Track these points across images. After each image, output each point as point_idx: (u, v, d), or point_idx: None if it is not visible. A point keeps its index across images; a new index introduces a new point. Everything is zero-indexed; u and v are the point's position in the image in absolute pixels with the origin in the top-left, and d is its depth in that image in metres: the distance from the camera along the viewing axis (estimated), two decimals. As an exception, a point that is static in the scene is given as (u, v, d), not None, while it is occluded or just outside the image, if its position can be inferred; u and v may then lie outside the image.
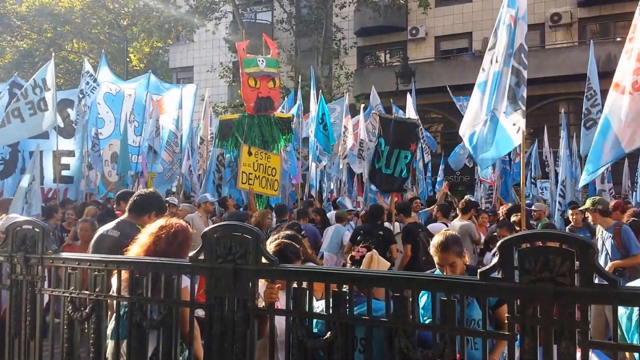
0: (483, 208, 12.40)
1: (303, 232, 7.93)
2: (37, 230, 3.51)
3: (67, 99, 14.11)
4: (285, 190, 13.09)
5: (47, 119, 11.21)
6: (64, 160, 13.57)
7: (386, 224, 8.97)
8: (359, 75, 28.01)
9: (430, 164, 17.56)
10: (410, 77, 20.99)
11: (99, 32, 33.03)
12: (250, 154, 8.60)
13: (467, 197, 9.69)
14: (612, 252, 6.64)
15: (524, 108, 6.16)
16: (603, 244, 6.78)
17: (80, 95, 13.08)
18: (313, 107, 14.78)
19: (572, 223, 8.57)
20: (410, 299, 2.47)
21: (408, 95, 16.10)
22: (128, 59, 29.78)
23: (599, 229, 7.04)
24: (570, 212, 8.90)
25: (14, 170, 12.50)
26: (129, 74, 24.85)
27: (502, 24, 6.59)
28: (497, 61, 6.56)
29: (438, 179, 18.04)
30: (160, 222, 3.61)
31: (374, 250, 3.88)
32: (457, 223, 8.65)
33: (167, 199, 8.62)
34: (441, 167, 18.17)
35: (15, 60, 32.34)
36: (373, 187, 12.65)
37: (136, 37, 31.52)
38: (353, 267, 3.62)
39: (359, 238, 8.25)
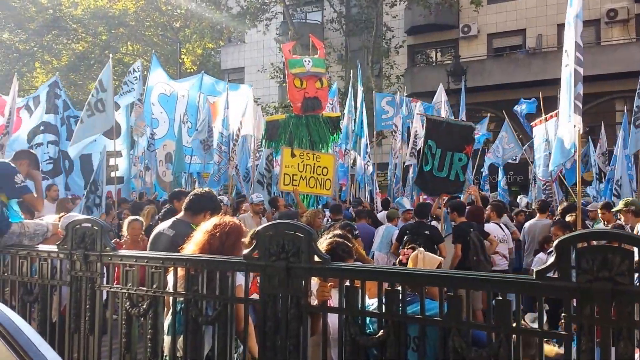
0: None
1: (357, 232, 7.92)
2: (96, 228, 3.62)
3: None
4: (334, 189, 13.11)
5: (104, 120, 11.51)
6: (112, 161, 13.90)
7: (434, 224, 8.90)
8: (409, 74, 27.78)
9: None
10: (462, 76, 20.68)
11: (152, 34, 33.74)
12: (293, 155, 8.61)
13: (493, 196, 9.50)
14: None
15: (580, 106, 6.03)
16: None
17: (132, 96, 13.37)
18: (360, 105, 14.74)
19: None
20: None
21: (442, 94, 15.89)
22: (180, 61, 30.35)
23: (636, 229, 6.86)
24: (600, 212, 8.66)
25: (61, 170, 12.81)
26: (182, 75, 25.29)
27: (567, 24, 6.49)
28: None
29: (499, 179, 17.72)
30: (215, 220, 3.67)
31: (420, 249, 3.84)
32: (539, 222, 8.66)
33: (219, 197, 8.75)
34: (500, 167, 17.83)
35: (71, 62, 33.28)
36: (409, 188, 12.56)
37: (189, 39, 32.09)
38: None
39: (405, 237, 8.21)
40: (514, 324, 2.33)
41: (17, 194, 4.53)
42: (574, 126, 6.25)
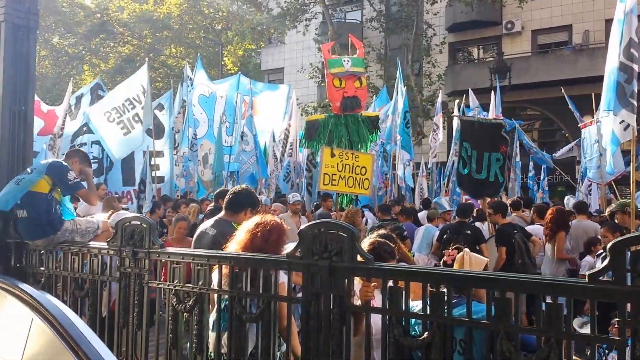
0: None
1: (406, 233, 7.87)
2: (145, 225, 3.71)
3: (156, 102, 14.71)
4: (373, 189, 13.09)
5: (140, 129, 11.77)
6: (154, 160, 14.15)
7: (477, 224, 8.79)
8: (450, 72, 27.47)
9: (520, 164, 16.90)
10: (506, 73, 20.33)
11: (195, 36, 34.30)
12: (333, 155, 8.60)
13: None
14: None
15: (635, 104, 5.86)
16: None
17: (184, 99, 13.63)
18: (399, 104, 14.64)
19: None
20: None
21: (492, 93, 15.60)
22: (222, 62, 30.73)
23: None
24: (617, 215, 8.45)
25: (103, 170, 13.10)
26: (223, 76, 25.63)
27: (616, 20, 6.32)
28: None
29: (541, 180, 17.40)
30: (256, 219, 3.71)
31: (466, 249, 3.79)
32: (581, 223, 8.54)
33: (260, 196, 8.84)
34: (543, 166, 17.49)
35: (117, 65, 34.13)
36: (458, 190, 12.38)
37: (230, 41, 32.49)
38: None
39: (445, 237, 8.13)
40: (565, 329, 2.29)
41: (72, 190, 4.68)
42: (621, 122, 6.09)
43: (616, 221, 7.63)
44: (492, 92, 15.84)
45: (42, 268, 4.44)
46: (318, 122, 8.94)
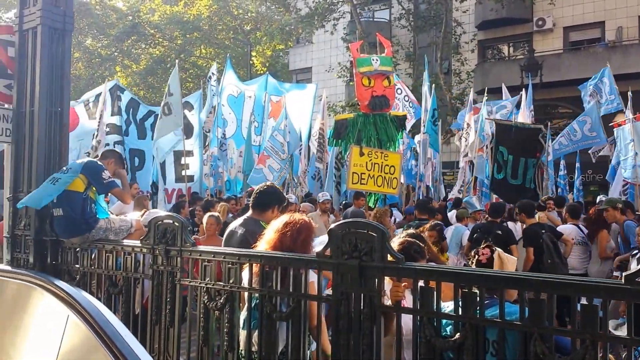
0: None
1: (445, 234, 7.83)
2: (177, 224, 3.77)
3: (185, 101, 14.83)
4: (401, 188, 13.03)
5: (171, 122, 11.91)
6: (184, 160, 14.26)
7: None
8: (480, 69, 27.20)
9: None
10: (537, 71, 20.05)
11: (224, 37, 34.60)
12: (362, 154, 8.60)
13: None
14: None
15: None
16: None
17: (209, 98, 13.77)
18: (428, 102, 14.55)
19: None
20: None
21: (523, 91, 15.36)
22: (251, 62, 30.92)
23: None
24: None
25: (128, 169, 13.23)
26: (252, 76, 25.83)
27: None
28: None
29: (575, 179, 17.10)
30: (285, 218, 3.72)
31: (499, 250, 3.74)
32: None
33: (289, 195, 8.88)
34: (577, 165, 17.18)
35: (149, 66, 34.62)
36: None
37: (259, 41, 32.67)
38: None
39: (475, 236, 8.05)
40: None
41: (106, 189, 4.78)
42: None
43: (605, 217, 7.80)
44: (524, 90, 15.62)
45: (77, 265, 4.53)
46: (347, 121, 8.96)
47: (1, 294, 3.46)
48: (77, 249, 4.55)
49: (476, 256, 3.62)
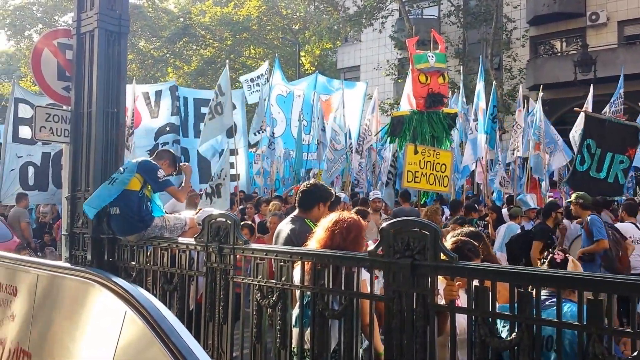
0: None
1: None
2: (230, 222, 3.81)
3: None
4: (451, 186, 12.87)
5: (222, 121, 12.09)
6: (231, 159, 14.42)
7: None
8: (532, 65, 26.61)
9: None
10: (591, 66, 19.50)
11: (273, 37, 34.90)
12: (416, 152, 8.55)
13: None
14: None
15: None
16: None
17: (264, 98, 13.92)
18: (482, 101, 14.29)
19: None
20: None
21: (591, 86, 14.91)
22: (300, 62, 31.07)
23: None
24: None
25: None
26: (301, 76, 25.94)
27: None
28: None
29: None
30: (334, 216, 3.70)
31: (571, 257, 3.66)
32: None
33: (339, 194, 8.87)
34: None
35: (200, 67, 35.24)
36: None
37: (307, 41, 32.81)
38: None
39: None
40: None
41: (162, 187, 4.90)
42: None
43: (572, 212, 7.88)
44: (591, 85, 15.17)
45: (133, 262, 4.64)
46: (403, 118, 8.91)
47: (61, 290, 3.57)
48: (133, 247, 4.65)
49: (550, 256, 3.54)
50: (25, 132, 11.30)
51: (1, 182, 11.45)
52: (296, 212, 4.89)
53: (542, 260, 3.63)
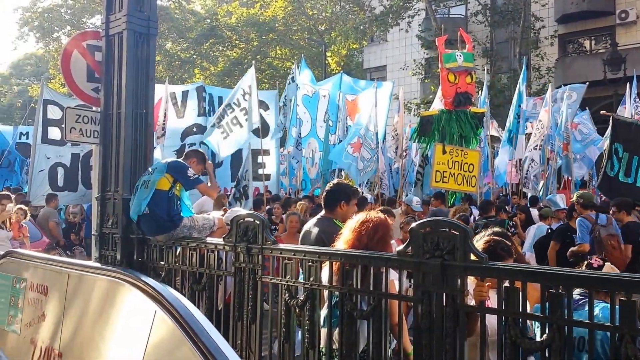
0: None
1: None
2: (258, 222, 3.82)
3: (260, 100, 15.03)
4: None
5: (250, 122, 12.14)
6: (260, 159, 14.47)
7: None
8: (561, 64, 26.25)
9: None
10: (620, 65, 19.16)
11: (299, 37, 34.98)
12: (444, 152, 8.50)
13: None
14: None
15: None
16: None
17: (285, 99, 13.96)
18: (524, 103, 14.15)
19: None
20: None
21: (628, 85, 14.64)
22: (326, 62, 31.08)
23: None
24: None
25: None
26: (327, 76, 25.93)
27: None
28: None
29: None
30: (360, 217, 3.68)
31: (608, 263, 3.62)
32: None
33: (365, 195, 8.86)
34: None
35: (226, 68, 35.45)
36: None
37: (334, 41, 32.80)
38: None
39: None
40: None
41: (192, 185, 4.93)
42: None
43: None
44: (628, 84, 14.89)
45: (162, 262, 4.67)
46: (432, 117, 8.87)
47: (91, 290, 3.60)
48: (162, 247, 4.69)
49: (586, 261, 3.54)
50: (54, 133, 11.48)
51: (30, 183, 11.64)
52: (322, 212, 4.90)
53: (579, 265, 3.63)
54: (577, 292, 2.99)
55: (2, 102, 55.32)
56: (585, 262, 3.53)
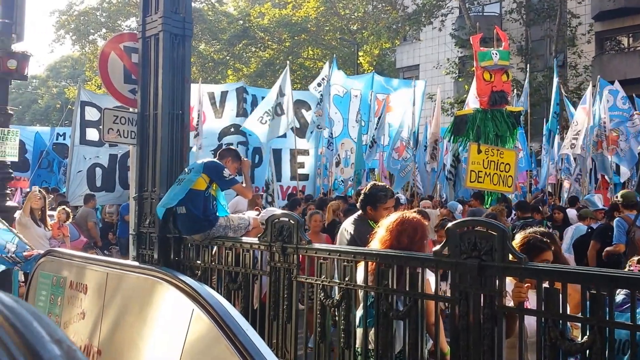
0: None
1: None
2: (292, 222, 3.83)
3: (301, 100, 15.08)
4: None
5: (284, 121, 12.20)
6: (300, 158, 14.51)
7: None
8: (598, 62, 25.73)
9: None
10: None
11: (331, 38, 34.98)
12: (479, 151, 8.39)
13: None
14: None
15: None
16: None
17: (320, 98, 14.01)
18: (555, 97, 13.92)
19: None
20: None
21: None
22: (358, 62, 31.01)
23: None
24: None
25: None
26: (359, 76, 25.90)
27: None
28: None
29: None
30: (397, 217, 3.66)
31: None
32: None
33: (398, 195, 8.81)
34: None
35: (259, 69, 35.66)
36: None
37: (366, 41, 32.71)
38: None
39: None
40: None
41: (228, 185, 4.99)
42: None
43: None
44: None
45: (198, 261, 4.72)
46: (467, 116, 8.78)
47: (130, 288, 3.65)
48: (199, 246, 4.73)
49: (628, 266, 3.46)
50: (92, 134, 11.69)
51: (68, 183, 11.86)
52: (359, 213, 4.91)
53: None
54: (621, 294, 2.92)
55: (39, 105, 56.61)
56: (627, 266, 3.44)
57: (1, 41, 7.40)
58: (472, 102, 9.80)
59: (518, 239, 3.49)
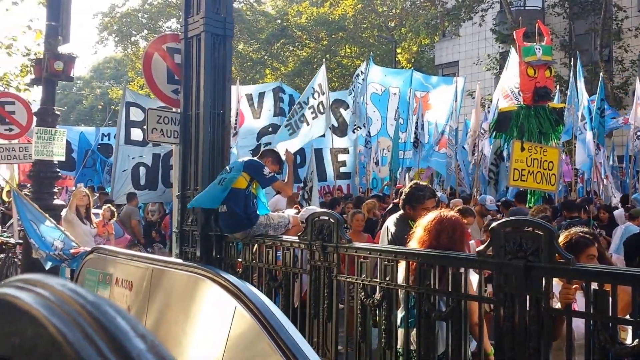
0: None
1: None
2: (332, 221, 3.82)
3: (339, 99, 15.05)
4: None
5: (325, 120, 12.20)
6: (341, 157, 14.49)
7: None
8: (646, 57, 24.99)
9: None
10: None
11: (369, 35, 34.85)
12: (522, 149, 8.21)
13: None
14: None
15: None
16: None
17: (353, 95, 13.98)
18: (583, 94, 13.53)
19: None
20: None
21: None
22: (396, 60, 30.82)
23: None
24: None
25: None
26: (398, 74, 25.75)
27: None
28: None
29: None
30: (435, 216, 3.59)
31: None
32: None
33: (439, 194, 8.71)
34: None
35: (296, 68, 35.79)
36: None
37: (404, 37, 32.48)
38: None
39: None
40: None
41: (269, 183, 5.02)
42: None
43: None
44: None
45: (239, 259, 4.76)
46: (511, 113, 8.60)
47: (173, 285, 3.70)
48: (240, 244, 4.77)
49: None
50: (136, 134, 11.90)
51: (113, 182, 12.11)
52: (401, 212, 4.88)
53: None
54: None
55: (84, 105, 57.98)
56: None
57: (48, 43, 7.60)
58: (502, 99, 9.62)
59: (561, 238, 3.40)
